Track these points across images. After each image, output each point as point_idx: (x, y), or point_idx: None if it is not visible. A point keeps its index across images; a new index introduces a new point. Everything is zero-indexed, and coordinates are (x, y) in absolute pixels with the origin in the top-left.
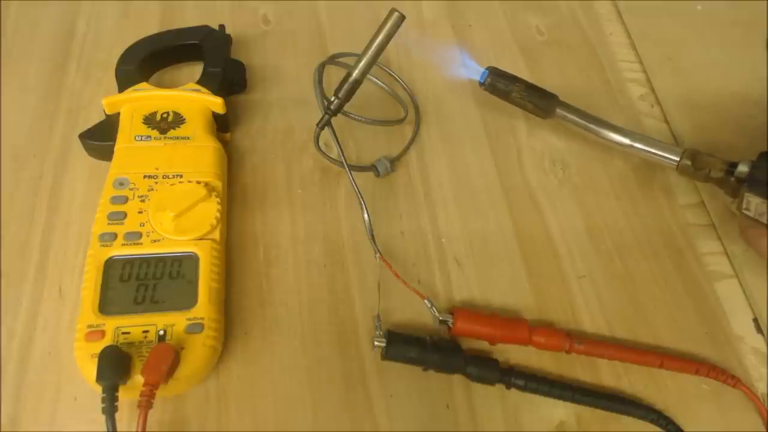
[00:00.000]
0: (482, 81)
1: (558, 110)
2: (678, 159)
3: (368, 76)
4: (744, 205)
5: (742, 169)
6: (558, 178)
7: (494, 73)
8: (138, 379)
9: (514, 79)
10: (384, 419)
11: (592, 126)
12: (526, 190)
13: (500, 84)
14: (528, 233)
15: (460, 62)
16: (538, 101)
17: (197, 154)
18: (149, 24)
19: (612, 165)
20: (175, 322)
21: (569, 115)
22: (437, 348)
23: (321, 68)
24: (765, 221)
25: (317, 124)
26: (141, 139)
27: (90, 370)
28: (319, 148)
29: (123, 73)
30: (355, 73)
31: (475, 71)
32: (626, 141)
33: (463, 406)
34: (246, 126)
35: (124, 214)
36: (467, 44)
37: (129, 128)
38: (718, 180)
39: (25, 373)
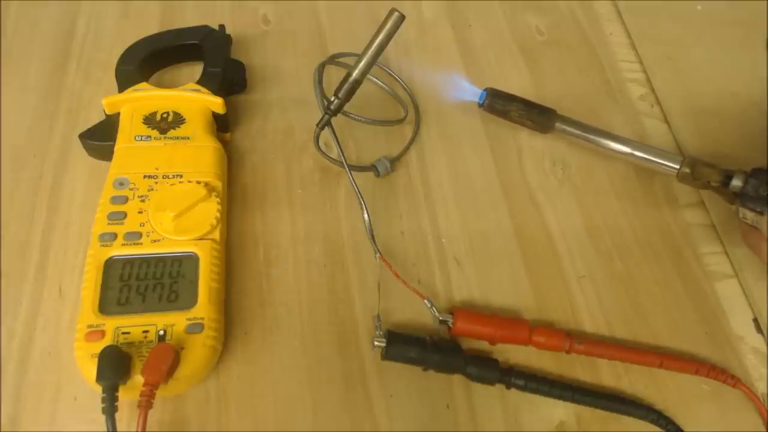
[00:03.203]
0: (481, 102)
1: (557, 124)
2: (678, 167)
3: (368, 76)
4: (741, 215)
5: (736, 183)
6: (558, 178)
7: (492, 94)
8: (138, 379)
9: (512, 99)
10: (384, 419)
11: (592, 137)
12: (526, 190)
13: (498, 104)
14: (528, 233)
15: (457, 86)
16: (537, 118)
17: (197, 154)
18: (149, 24)
19: (612, 165)
20: (175, 322)
21: (569, 128)
22: (437, 348)
23: (321, 68)
24: (762, 229)
25: (317, 124)
26: (141, 139)
27: (90, 370)
28: (319, 148)
29: (123, 73)
30: (355, 73)
31: (473, 93)
32: (626, 150)
33: (463, 406)
34: (246, 126)
35: (124, 214)
36: (469, 47)
37: (129, 128)
38: (717, 188)
39: (25, 373)
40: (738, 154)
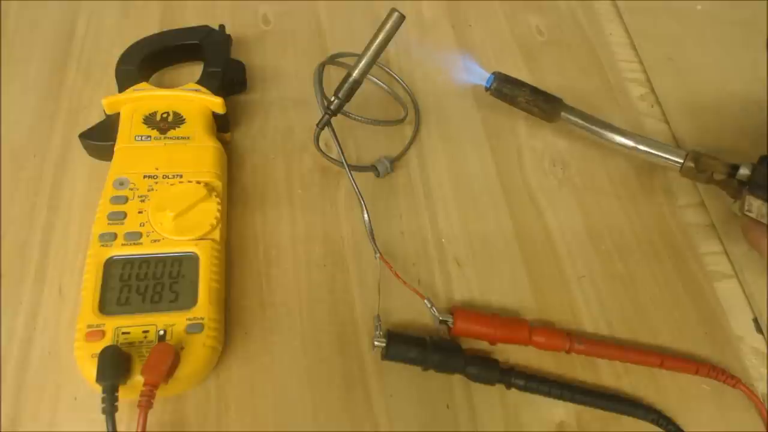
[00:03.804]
0: (488, 86)
1: (563, 114)
2: (681, 161)
3: (368, 76)
4: (746, 207)
5: (744, 172)
6: (558, 178)
7: (500, 78)
8: (138, 379)
9: (520, 84)
10: (384, 419)
11: (596, 129)
12: (526, 190)
13: (506, 89)
14: (528, 233)
15: (465, 68)
16: (544, 105)
17: (197, 154)
18: (149, 24)
19: (612, 165)
20: (175, 322)
21: (574, 118)
22: (437, 348)
23: (321, 68)
24: (766, 222)
25: (317, 124)
26: (141, 139)
27: (90, 370)
28: (319, 148)
29: (123, 73)
30: (355, 73)
31: (480, 76)
32: (630, 143)
33: (463, 406)
34: (246, 126)
35: (124, 214)
36: (469, 47)
37: (129, 128)
38: (721, 182)
39: (25, 373)
40: (738, 153)
